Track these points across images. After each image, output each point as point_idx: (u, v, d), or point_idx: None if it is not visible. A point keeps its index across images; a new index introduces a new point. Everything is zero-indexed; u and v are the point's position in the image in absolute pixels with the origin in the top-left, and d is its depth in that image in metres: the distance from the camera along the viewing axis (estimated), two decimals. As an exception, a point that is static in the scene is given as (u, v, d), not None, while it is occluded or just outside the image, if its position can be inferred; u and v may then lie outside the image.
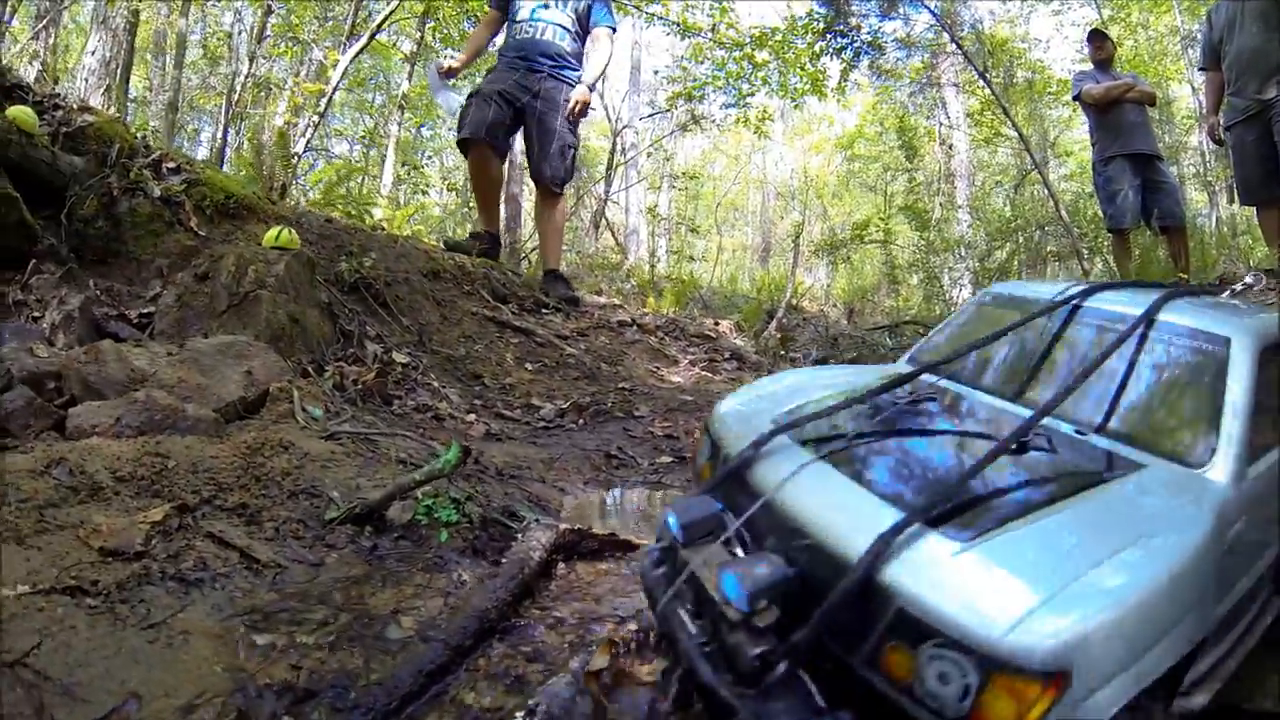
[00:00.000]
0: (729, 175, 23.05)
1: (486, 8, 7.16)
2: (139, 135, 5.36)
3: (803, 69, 12.89)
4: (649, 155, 16.08)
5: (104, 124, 5.17)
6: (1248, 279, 2.64)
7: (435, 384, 4.47)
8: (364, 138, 13.85)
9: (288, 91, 12.40)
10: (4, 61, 5.40)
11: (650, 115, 16.31)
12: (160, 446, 2.62)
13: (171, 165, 5.26)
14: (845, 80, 13.84)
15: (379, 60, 12.67)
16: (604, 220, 13.94)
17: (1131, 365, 2.12)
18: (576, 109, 6.37)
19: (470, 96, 6.55)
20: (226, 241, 4.84)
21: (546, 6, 6.40)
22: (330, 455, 2.85)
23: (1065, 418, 2.03)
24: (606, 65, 6.89)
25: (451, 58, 6.88)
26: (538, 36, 6.37)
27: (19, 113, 4.71)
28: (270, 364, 3.48)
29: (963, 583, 1.37)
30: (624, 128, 14.62)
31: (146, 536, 2.10)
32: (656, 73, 15.73)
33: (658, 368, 6.60)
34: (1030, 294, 2.55)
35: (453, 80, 6.80)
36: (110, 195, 4.75)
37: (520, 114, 6.40)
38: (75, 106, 5.28)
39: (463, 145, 6.61)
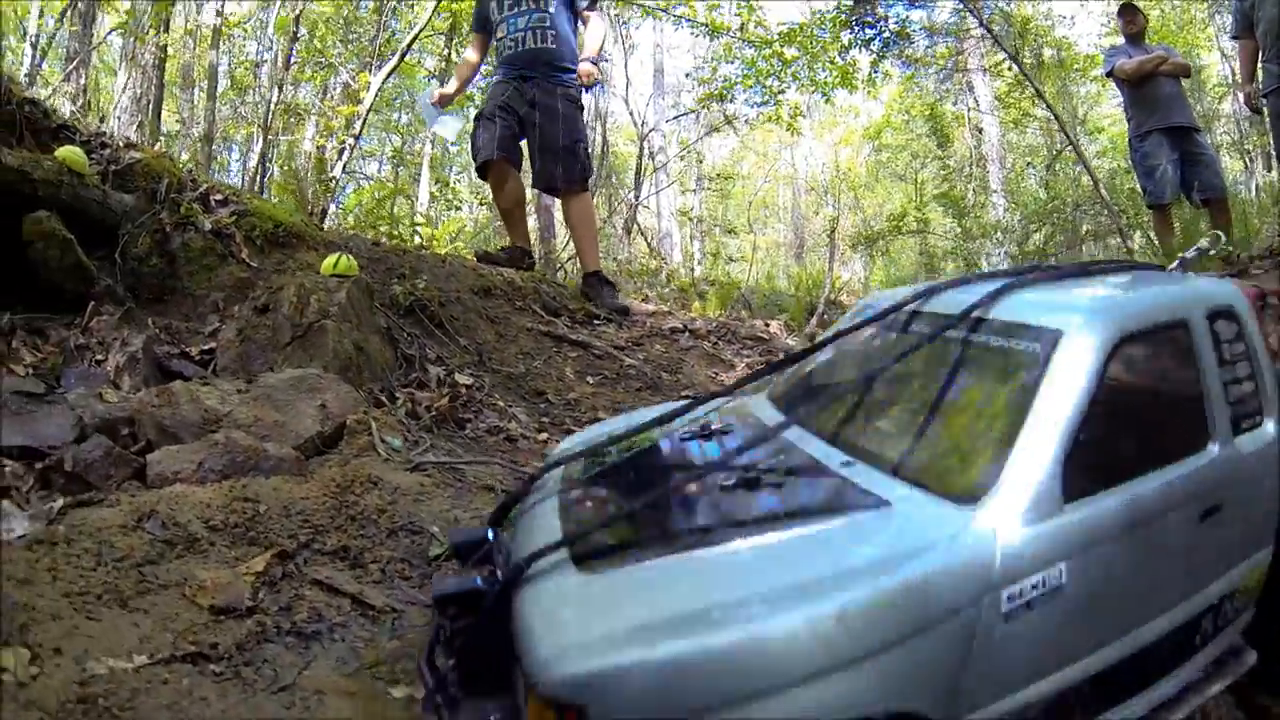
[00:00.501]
0: (758, 173, 22.88)
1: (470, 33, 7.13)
2: (186, 169, 5.32)
3: (832, 63, 12.74)
4: (681, 158, 15.96)
5: (151, 160, 5.14)
6: (1202, 243, 2.39)
7: (501, 404, 4.37)
8: (393, 157, 13.87)
9: (315, 116, 12.44)
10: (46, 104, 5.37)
11: (676, 117, 16.18)
12: (248, 490, 2.54)
13: (219, 197, 5.22)
14: (875, 71, 13.66)
15: (403, 79, 12.67)
16: (636, 225, 13.83)
17: (930, 379, 1.86)
18: (585, 82, 6.37)
19: (476, 120, 6.51)
20: (279, 271, 4.78)
21: (522, 14, 6.31)
22: (420, 488, 2.76)
23: (845, 445, 1.84)
24: (603, 40, 6.95)
25: (443, 87, 6.91)
26: (520, 47, 6.30)
27: (69, 153, 4.68)
28: (343, 395, 3.39)
29: (557, 611, 1.37)
30: (650, 131, 14.52)
31: (253, 589, 2.01)
32: (688, 75, 15.63)
33: (716, 373, 6.44)
34: (888, 302, 2.18)
35: (447, 106, 6.82)
36: (163, 231, 4.71)
37: (524, 124, 6.35)
38: (121, 144, 5.25)
39: (481, 171, 6.59)
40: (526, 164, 6.59)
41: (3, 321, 4.12)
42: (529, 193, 8.36)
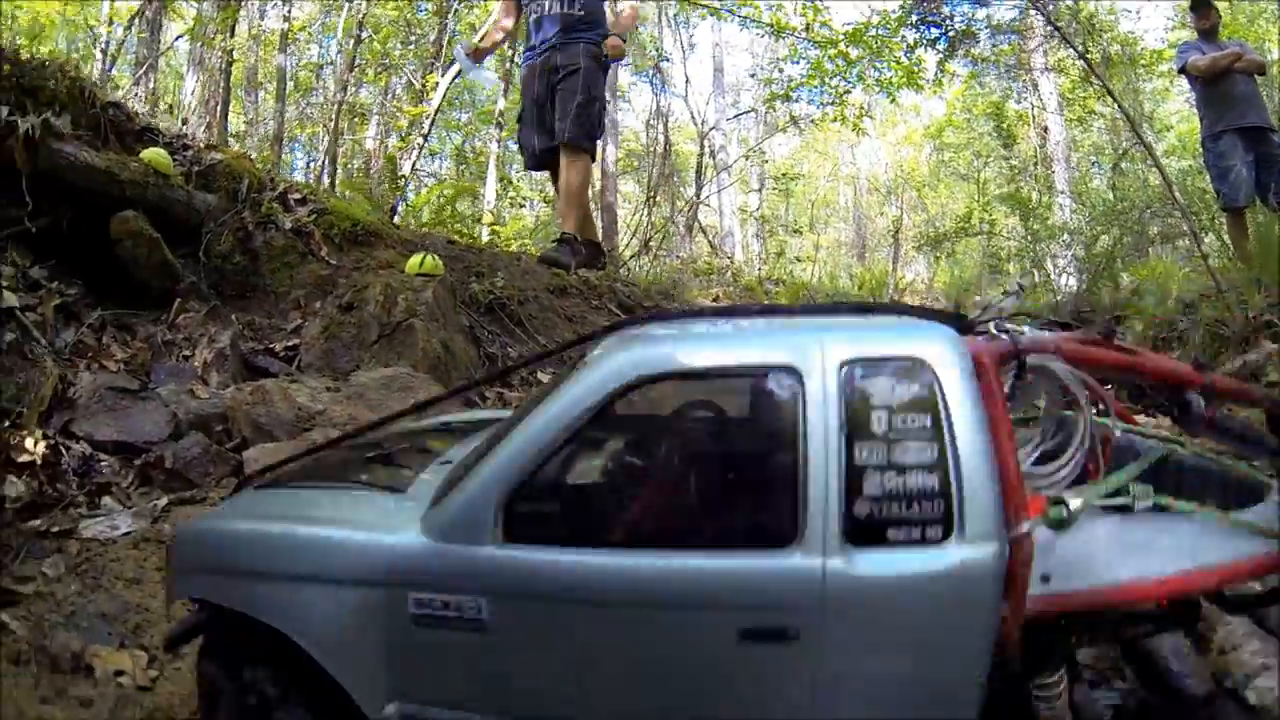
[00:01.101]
0: (819, 172, 22.64)
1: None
2: (266, 169, 5.36)
3: (898, 62, 12.54)
4: (746, 157, 15.81)
5: (231, 160, 5.19)
6: (1005, 291, 1.87)
7: (582, 404, 4.32)
8: (455, 154, 13.97)
9: (377, 116, 12.55)
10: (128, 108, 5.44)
11: (736, 116, 16.02)
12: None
13: (297, 196, 5.25)
14: (941, 71, 13.40)
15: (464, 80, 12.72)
16: (697, 224, 13.71)
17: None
18: (611, 55, 6.22)
19: (519, 120, 6.46)
20: (358, 269, 4.79)
21: None
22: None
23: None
24: (635, 23, 7.19)
25: (478, 42, 6.78)
26: (545, 13, 6.17)
27: (154, 155, 4.73)
28: (434, 394, 3.36)
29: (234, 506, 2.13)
30: (710, 130, 14.40)
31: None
32: (752, 75, 15.49)
33: None
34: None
35: (486, 61, 6.81)
36: (245, 230, 4.74)
37: (553, 100, 6.14)
38: (202, 145, 5.31)
39: (536, 167, 6.60)
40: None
41: (94, 318, 4.18)
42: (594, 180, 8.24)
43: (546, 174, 6.71)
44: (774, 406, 1.41)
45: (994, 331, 1.52)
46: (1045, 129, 18.17)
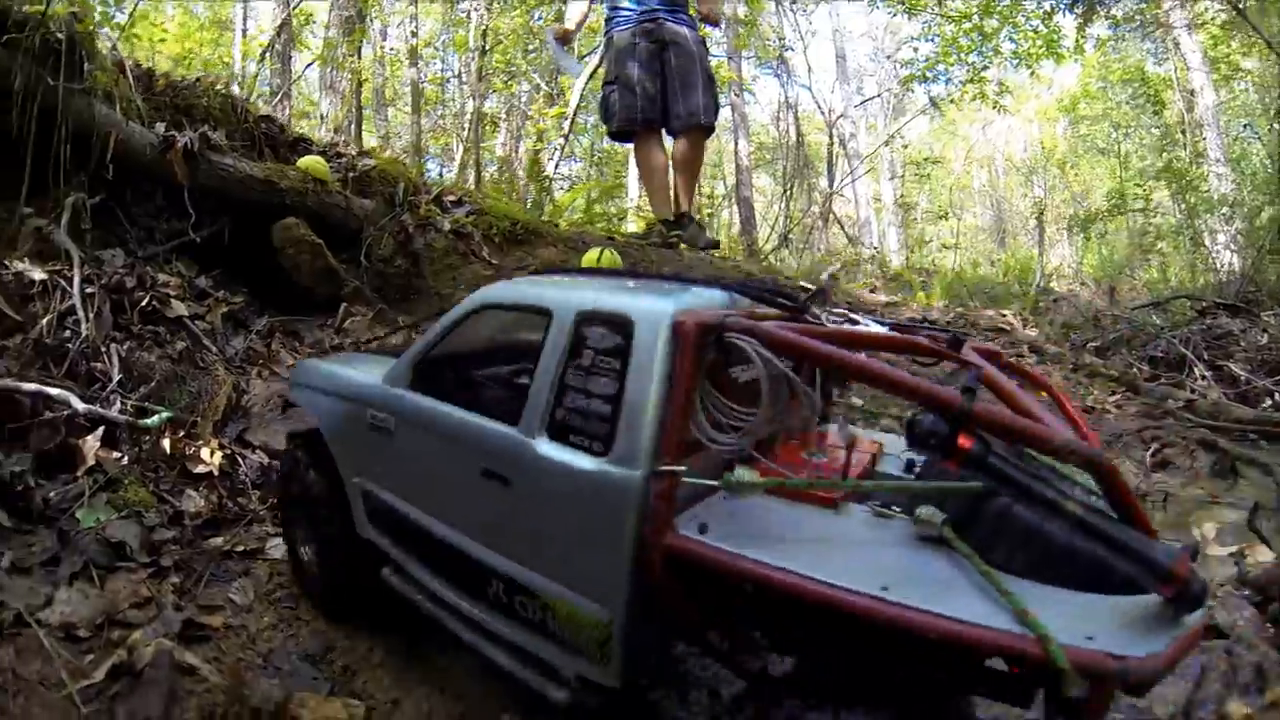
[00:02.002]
0: (955, 155, 21.63)
1: None
2: (423, 173, 5.23)
3: (1035, 32, 11.72)
4: (887, 144, 15.17)
5: (385, 165, 5.08)
6: (823, 276, 1.85)
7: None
8: (586, 155, 13.92)
9: (504, 123, 12.58)
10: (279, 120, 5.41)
11: (864, 102, 15.40)
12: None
13: (452, 198, 5.11)
14: (1082, 35, 12.46)
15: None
16: (832, 215, 13.18)
17: None
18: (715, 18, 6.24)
19: (608, 85, 6.07)
20: (520, 268, 4.58)
21: None
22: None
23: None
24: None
25: (565, 23, 6.62)
26: None
27: (312, 162, 4.65)
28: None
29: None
30: (839, 118, 13.85)
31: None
32: (889, 57, 14.88)
33: None
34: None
35: (569, 45, 6.61)
36: (405, 233, 4.61)
37: (663, 73, 5.89)
38: (354, 152, 5.21)
39: (619, 137, 6.34)
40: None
41: (262, 325, 4.08)
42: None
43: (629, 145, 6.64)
44: (535, 334, 1.83)
45: (813, 315, 1.86)
46: (1191, 92, 16.68)
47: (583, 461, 1.63)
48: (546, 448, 1.70)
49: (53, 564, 2.24)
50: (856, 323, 1.95)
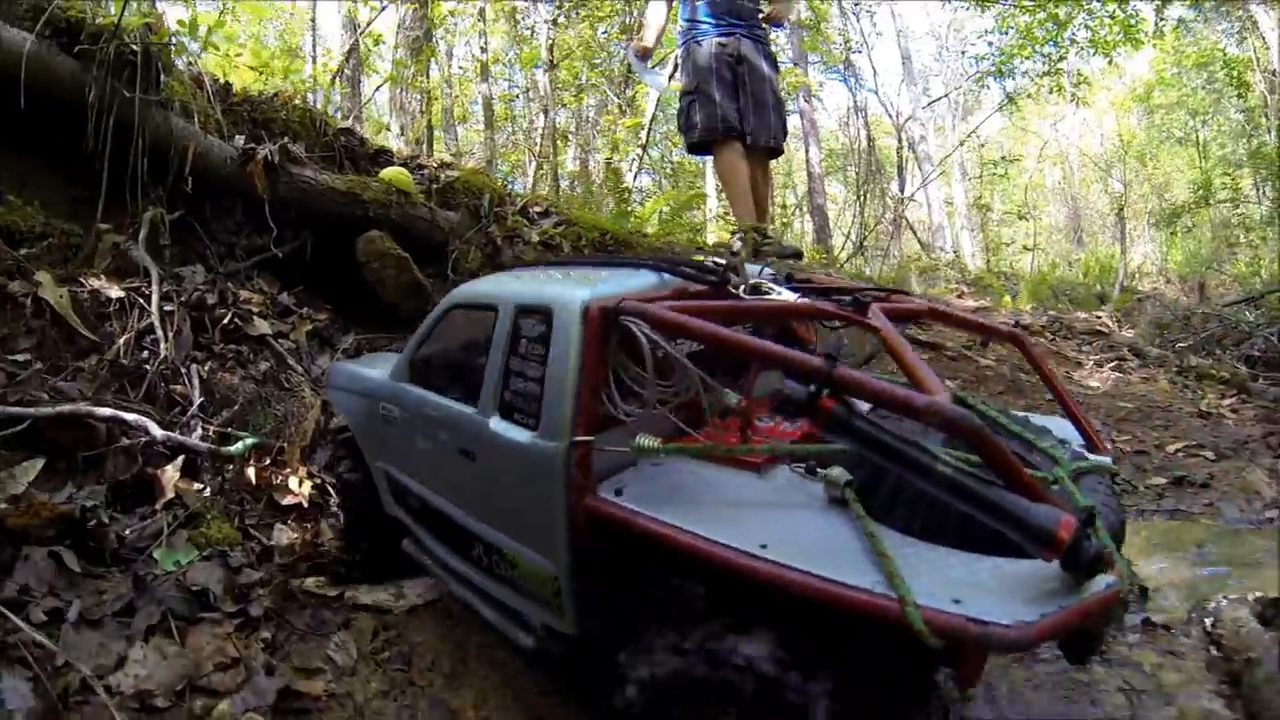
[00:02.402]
0: (1029, 153, 20.88)
1: None
2: (507, 184, 5.02)
3: (1112, 17, 11.22)
4: (962, 144, 14.65)
5: (468, 176, 4.86)
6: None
7: (873, 415, 3.63)
8: (658, 166, 13.78)
9: (573, 137, 12.46)
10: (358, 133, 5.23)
11: (931, 103, 14.87)
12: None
13: (538, 209, 4.87)
14: (1161, 18, 11.92)
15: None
16: (904, 220, 12.73)
17: None
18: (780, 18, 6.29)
19: (687, 96, 6.04)
20: (612, 280, 4.28)
21: None
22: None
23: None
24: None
25: (642, 39, 6.52)
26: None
27: (395, 174, 4.43)
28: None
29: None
30: (907, 120, 13.38)
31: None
32: (964, 53, 14.41)
33: (1067, 372, 5.84)
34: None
35: (650, 60, 6.64)
36: (492, 244, 4.38)
37: (737, 87, 5.93)
38: (436, 164, 4.99)
39: (697, 149, 6.34)
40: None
41: (348, 343, 3.85)
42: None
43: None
44: (490, 328, 1.98)
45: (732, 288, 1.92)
46: (1274, 72, 15.72)
47: (522, 436, 1.78)
48: (497, 425, 1.87)
49: (127, 614, 1.97)
50: (769, 294, 1.96)
